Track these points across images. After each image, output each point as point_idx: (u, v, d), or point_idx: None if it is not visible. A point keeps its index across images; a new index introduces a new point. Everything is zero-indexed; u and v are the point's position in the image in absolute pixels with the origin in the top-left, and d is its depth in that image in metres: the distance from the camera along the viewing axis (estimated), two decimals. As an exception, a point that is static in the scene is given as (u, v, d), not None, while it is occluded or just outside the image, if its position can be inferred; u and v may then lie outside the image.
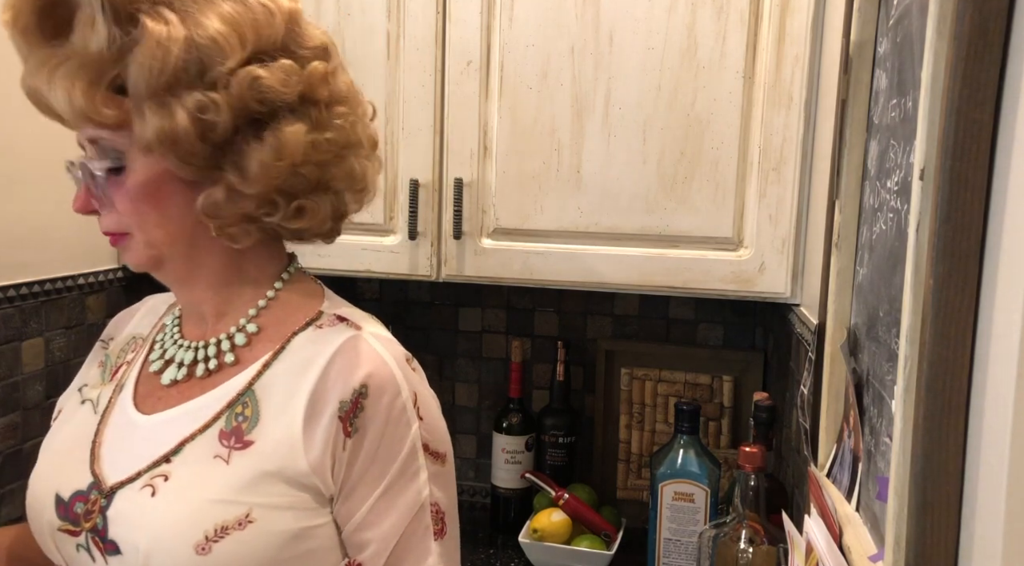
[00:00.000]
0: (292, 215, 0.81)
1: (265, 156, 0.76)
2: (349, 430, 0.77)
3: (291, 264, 0.90)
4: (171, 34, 0.72)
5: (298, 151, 0.77)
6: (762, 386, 1.69)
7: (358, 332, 0.82)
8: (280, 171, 0.77)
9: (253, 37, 0.75)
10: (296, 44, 0.79)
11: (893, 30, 0.80)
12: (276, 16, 0.77)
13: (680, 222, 1.38)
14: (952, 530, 0.56)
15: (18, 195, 1.34)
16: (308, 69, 0.78)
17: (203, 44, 0.73)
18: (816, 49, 1.31)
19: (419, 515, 0.80)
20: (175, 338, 0.89)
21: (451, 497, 0.85)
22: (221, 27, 0.73)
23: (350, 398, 0.77)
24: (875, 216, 0.83)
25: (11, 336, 1.33)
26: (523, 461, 1.72)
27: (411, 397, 0.81)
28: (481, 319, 1.85)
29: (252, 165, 0.76)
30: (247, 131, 0.76)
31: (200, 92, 0.73)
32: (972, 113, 0.54)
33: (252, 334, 0.85)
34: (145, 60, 0.72)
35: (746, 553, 1.10)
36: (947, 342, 0.56)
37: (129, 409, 0.85)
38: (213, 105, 0.74)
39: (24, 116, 1.35)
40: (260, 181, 0.77)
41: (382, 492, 0.79)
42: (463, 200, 1.43)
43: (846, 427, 0.89)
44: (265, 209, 0.80)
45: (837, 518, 0.81)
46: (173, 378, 0.85)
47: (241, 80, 0.74)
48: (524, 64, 1.40)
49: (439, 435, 0.84)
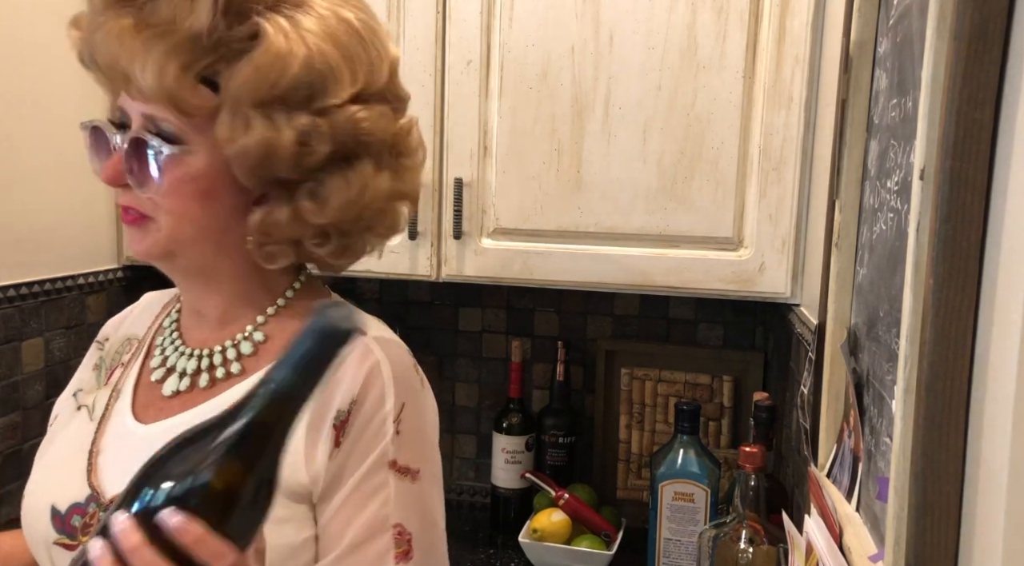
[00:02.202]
0: (337, 252, 0.81)
1: (350, 193, 0.77)
2: (340, 440, 0.76)
3: (303, 272, 0.88)
4: (292, 50, 0.72)
5: (379, 196, 0.78)
6: (762, 386, 1.69)
7: (364, 337, 0.80)
8: (355, 210, 0.78)
9: (364, 77, 0.76)
10: (391, 93, 0.81)
11: (893, 30, 0.80)
12: (384, 63, 0.79)
13: (680, 222, 1.38)
14: (952, 530, 0.56)
15: (18, 195, 1.34)
16: (400, 122, 0.81)
17: (320, 70, 0.73)
18: (816, 49, 1.31)
19: (376, 536, 0.75)
20: (176, 344, 0.86)
21: (427, 518, 0.79)
22: (338, 58, 0.74)
23: (347, 408, 0.76)
24: (875, 216, 0.83)
25: (11, 336, 1.33)
26: (523, 461, 1.72)
27: (396, 408, 0.77)
28: (481, 319, 1.85)
29: (333, 198, 0.76)
30: (335, 164, 0.77)
31: (308, 116, 0.73)
32: (972, 113, 0.54)
33: (259, 343, 0.82)
34: (262, 68, 0.71)
35: (746, 553, 1.10)
36: (947, 342, 0.56)
37: (128, 418, 0.83)
38: (318, 133, 0.74)
39: (24, 116, 1.35)
40: (334, 215, 0.77)
41: (339, 505, 0.75)
42: (463, 200, 1.43)
43: (846, 427, 0.89)
44: (317, 240, 0.79)
45: (837, 518, 0.81)
46: (175, 389, 0.82)
47: (346, 116, 0.75)
48: (524, 64, 1.40)
49: (416, 450, 0.79)
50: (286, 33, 0.72)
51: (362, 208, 0.78)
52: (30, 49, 1.33)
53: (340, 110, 0.75)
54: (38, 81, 1.35)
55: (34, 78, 1.35)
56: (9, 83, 1.31)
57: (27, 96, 1.34)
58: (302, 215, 0.77)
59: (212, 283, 0.83)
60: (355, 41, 0.76)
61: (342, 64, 0.74)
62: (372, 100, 0.77)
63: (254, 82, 0.71)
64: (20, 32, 1.31)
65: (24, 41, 1.31)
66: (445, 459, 1.95)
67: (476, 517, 1.81)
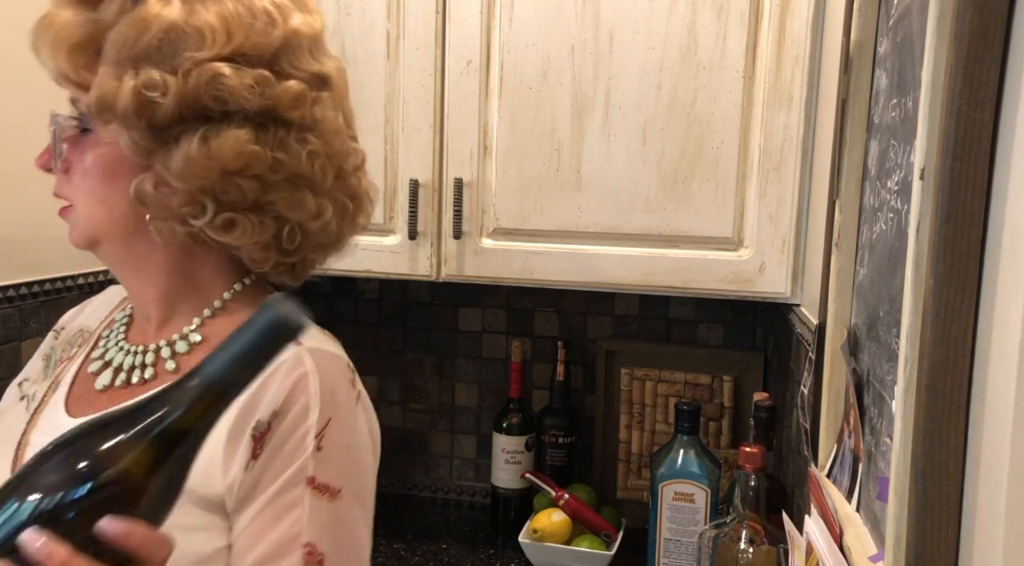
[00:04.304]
0: (221, 226, 0.77)
1: (193, 151, 0.73)
2: (258, 452, 0.73)
3: (248, 275, 0.84)
4: (160, 13, 0.72)
5: (231, 157, 0.73)
6: (762, 386, 1.69)
7: (299, 348, 0.75)
8: (207, 171, 0.74)
9: (240, 39, 0.74)
10: (288, 62, 0.77)
11: (893, 30, 0.80)
12: (275, 28, 0.76)
13: (680, 222, 1.38)
14: (952, 530, 0.56)
15: (18, 195, 1.34)
16: (283, 85, 0.75)
17: (186, 31, 0.72)
18: (816, 49, 1.31)
19: (285, 554, 0.72)
20: (118, 339, 0.85)
21: (345, 540, 0.75)
22: (213, 21, 0.73)
23: (267, 419, 0.73)
24: (875, 216, 0.83)
25: (11, 336, 1.33)
26: (523, 461, 1.72)
27: (320, 424, 0.74)
28: (481, 319, 1.85)
29: (189, 157, 0.73)
30: (191, 125, 0.74)
31: (157, 71, 0.72)
32: (972, 113, 0.54)
33: (195, 344, 0.80)
34: (123, 30, 0.72)
35: (746, 553, 1.10)
36: (947, 342, 0.56)
37: (59, 410, 0.81)
38: (162, 85, 0.72)
39: (24, 116, 1.34)
40: (183, 176, 0.74)
41: (251, 519, 0.73)
42: (463, 200, 1.43)
43: (846, 427, 0.89)
44: (190, 209, 0.76)
45: (837, 518, 0.81)
46: (106, 384, 0.81)
47: (203, 72, 0.72)
48: (524, 64, 1.40)
49: (339, 469, 0.75)
50: (169, 2, 0.73)
51: (227, 173, 0.74)
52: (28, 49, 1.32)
53: (198, 66, 0.72)
54: (38, 81, 1.35)
55: (34, 78, 1.34)
56: (9, 83, 1.31)
57: (27, 96, 1.34)
58: (161, 179, 0.75)
59: (143, 274, 0.82)
60: (243, 6, 0.75)
61: (216, 26, 0.73)
62: (250, 64, 0.74)
63: (114, 44, 0.73)
64: (19, 33, 1.31)
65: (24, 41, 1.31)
66: (445, 459, 1.96)
67: (476, 517, 1.81)
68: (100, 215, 0.78)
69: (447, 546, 1.67)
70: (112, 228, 0.79)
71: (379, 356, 1.90)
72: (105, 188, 0.77)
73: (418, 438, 1.90)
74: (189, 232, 0.77)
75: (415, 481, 1.91)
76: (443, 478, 1.90)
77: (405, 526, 1.75)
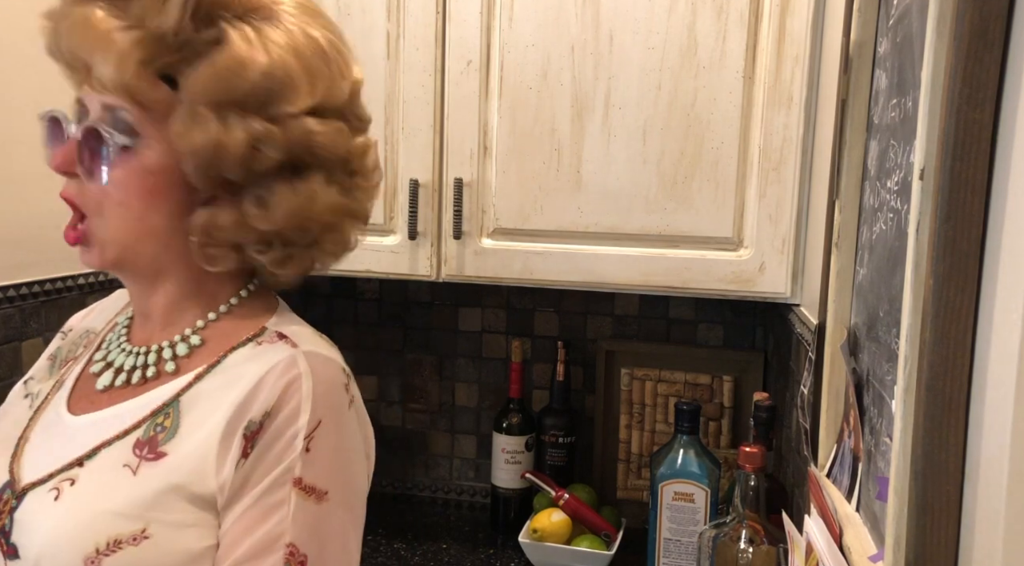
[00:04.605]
0: (279, 261, 0.80)
1: (296, 202, 0.77)
2: (248, 451, 0.74)
3: (251, 280, 0.87)
4: (254, 57, 0.73)
5: (327, 209, 0.79)
6: (762, 386, 1.69)
7: (294, 350, 0.77)
8: (299, 220, 0.78)
9: (321, 91, 0.77)
10: (351, 113, 0.82)
11: (893, 30, 0.80)
12: (345, 82, 0.80)
13: (680, 222, 1.38)
14: (952, 530, 0.56)
15: (18, 195, 1.34)
16: (357, 140, 0.82)
17: (279, 78, 0.74)
18: (816, 49, 1.31)
19: (266, 553, 0.72)
20: (121, 340, 0.86)
21: (330, 542, 0.75)
22: (299, 70, 0.75)
23: (259, 419, 0.74)
24: (875, 216, 0.83)
25: (11, 336, 1.33)
26: (523, 461, 1.72)
27: (310, 425, 0.75)
28: (481, 319, 1.85)
29: (279, 205, 0.76)
30: (285, 173, 0.77)
31: (261, 122, 0.74)
32: (972, 113, 0.54)
33: (195, 346, 0.81)
34: (222, 71, 0.72)
35: (746, 553, 1.10)
36: (947, 342, 0.56)
37: (61, 408, 0.82)
38: (270, 139, 0.75)
39: (24, 116, 1.35)
40: (278, 222, 0.77)
41: (237, 517, 0.73)
42: (463, 200, 1.43)
43: (846, 427, 0.89)
44: (259, 247, 0.79)
45: (837, 518, 0.81)
46: (106, 384, 0.82)
47: (299, 126, 0.76)
48: (524, 64, 1.40)
49: (328, 472, 0.76)
50: (250, 41, 0.74)
51: (307, 219, 0.79)
52: (29, 48, 1.32)
53: (295, 120, 0.76)
54: (38, 80, 1.35)
55: (34, 77, 1.35)
56: (8, 83, 1.31)
57: (27, 96, 1.34)
58: (247, 219, 0.77)
59: (158, 284, 0.82)
60: (318, 57, 0.77)
61: (302, 76, 0.75)
62: (329, 115, 0.79)
63: (213, 83, 0.73)
64: (20, 32, 1.31)
65: (23, 41, 1.31)
66: (445, 459, 1.97)
67: (476, 517, 1.82)
68: (133, 231, 0.78)
69: (447, 546, 1.67)
70: (143, 245, 0.79)
71: (379, 356, 1.90)
72: (143, 205, 0.77)
73: (418, 438, 1.90)
74: (240, 259, 0.80)
75: (415, 481, 1.91)
76: (443, 478, 1.90)
77: (405, 526, 1.76)
